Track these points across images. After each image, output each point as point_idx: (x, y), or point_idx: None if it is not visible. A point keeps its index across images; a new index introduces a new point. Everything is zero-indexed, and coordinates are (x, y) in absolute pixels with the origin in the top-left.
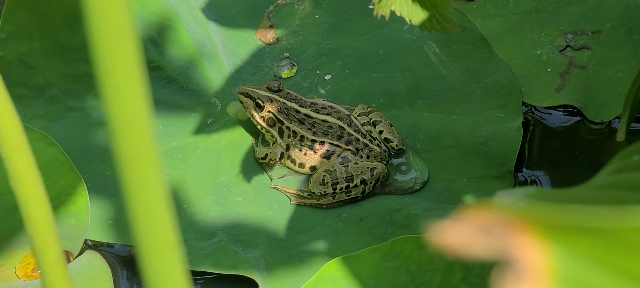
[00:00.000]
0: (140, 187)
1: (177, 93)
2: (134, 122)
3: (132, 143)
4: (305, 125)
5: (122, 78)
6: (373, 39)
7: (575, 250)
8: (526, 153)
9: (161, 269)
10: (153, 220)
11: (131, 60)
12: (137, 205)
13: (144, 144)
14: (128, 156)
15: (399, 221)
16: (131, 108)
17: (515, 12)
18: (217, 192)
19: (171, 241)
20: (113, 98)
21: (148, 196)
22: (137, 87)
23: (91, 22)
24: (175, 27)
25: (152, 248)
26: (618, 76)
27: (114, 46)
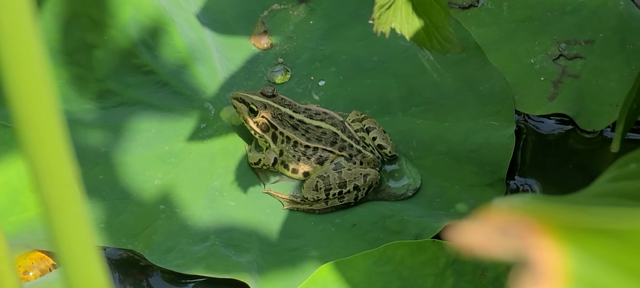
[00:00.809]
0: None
1: (170, 97)
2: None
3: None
4: (299, 130)
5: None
6: (367, 46)
7: (592, 252)
8: (518, 161)
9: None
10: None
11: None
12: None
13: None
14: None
15: (392, 227)
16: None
17: (510, 20)
18: (209, 196)
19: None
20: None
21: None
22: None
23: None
24: (169, 31)
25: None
26: (610, 86)
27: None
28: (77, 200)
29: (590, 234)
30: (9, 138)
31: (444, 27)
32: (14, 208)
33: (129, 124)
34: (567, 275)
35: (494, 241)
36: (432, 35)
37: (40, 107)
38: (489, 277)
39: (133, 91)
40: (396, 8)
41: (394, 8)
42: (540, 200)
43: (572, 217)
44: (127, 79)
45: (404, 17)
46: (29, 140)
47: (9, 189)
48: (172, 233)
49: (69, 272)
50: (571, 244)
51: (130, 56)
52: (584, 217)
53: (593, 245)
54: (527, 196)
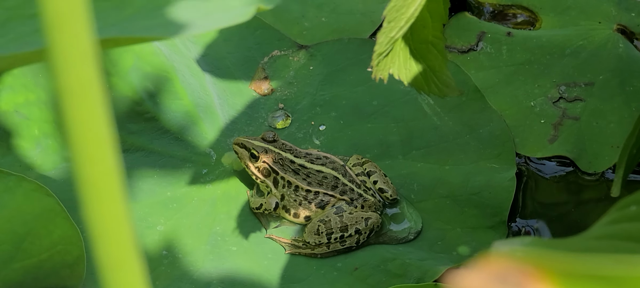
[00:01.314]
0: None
1: (172, 143)
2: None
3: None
4: (300, 175)
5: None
6: (367, 90)
7: None
8: (520, 203)
9: None
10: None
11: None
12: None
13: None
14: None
15: (393, 270)
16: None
17: (509, 63)
18: (212, 241)
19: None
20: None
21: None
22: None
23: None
24: (170, 78)
25: None
26: (611, 127)
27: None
28: (137, 262)
29: (589, 281)
30: (13, 185)
31: (442, 71)
32: (18, 255)
33: (131, 171)
34: None
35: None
36: (430, 80)
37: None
38: None
39: (135, 138)
40: (394, 54)
41: (392, 55)
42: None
43: (570, 263)
44: (130, 125)
45: (402, 63)
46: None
47: (12, 236)
48: (175, 279)
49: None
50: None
51: (132, 104)
52: (582, 263)
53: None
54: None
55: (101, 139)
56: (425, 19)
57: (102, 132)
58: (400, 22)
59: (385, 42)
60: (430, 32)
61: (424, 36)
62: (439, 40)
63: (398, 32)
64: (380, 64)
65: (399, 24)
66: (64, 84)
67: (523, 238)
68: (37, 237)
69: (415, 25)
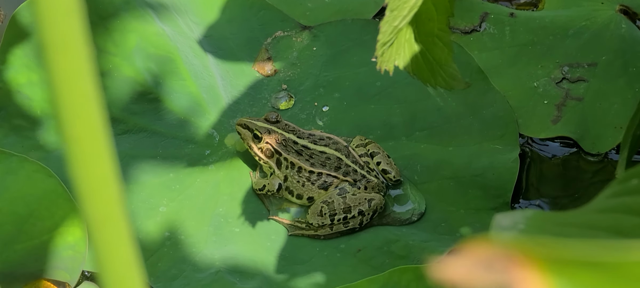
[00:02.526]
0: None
1: (174, 124)
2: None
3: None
4: (303, 156)
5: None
6: (370, 71)
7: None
8: (523, 184)
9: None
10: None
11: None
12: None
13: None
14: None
15: (397, 252)
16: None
17: (512, 44)
18: (214, 223)
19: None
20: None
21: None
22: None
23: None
24: (173, 59)
25: None
26: (614, 108)
27: (80, 115)
28: (122, 217)
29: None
30: (15, 166)
31: (448, 63)
32: (20, 237)
33: (134, 152)
34: None
35: (477, 275)
36: (437, 73)
37: (88, 126)
38: None
39: (138, 119)
40: (399, 45)
41: (396, 45)
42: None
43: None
44: (132, 106)
45: (407, 54)
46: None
47: (14, 217)
48: (178, 260)
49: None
50: (556, 277)
51: (135, 84)
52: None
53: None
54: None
55: (86, 92)
56: (430, 12)
57: (87, 86)
58: (403, 12)
59: (389, 32)
60: (435, 25)
61: (429, 29)
62: (444, 33)
63: (401, 21)
64: (385, 55)
65: (402, 13)
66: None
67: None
68: (39, 218)
69: (420, 17)
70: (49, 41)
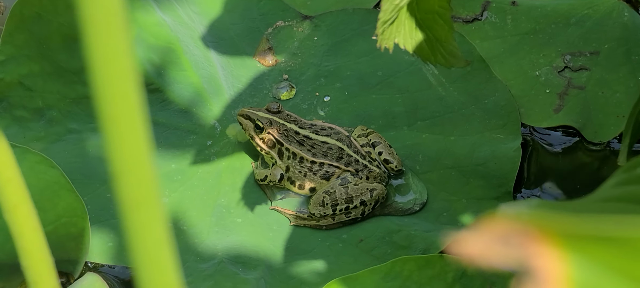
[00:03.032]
0: (143, 232)
1: (176, 115)
2: (137, 167)
3: (134, 188)
4: (305, 146)
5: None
6: (372, 61)
7: (594, 259)
8: (525, 173)
9: None
10: (156, 267)
11: (133, 105)
12: (140, 248)
13: (147, 188)
14: (131, 200)
15: (399, 242)
16: (133, 154)
17: (514, 33)
18: (217, 213)
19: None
20: (116, 145)
21: (151, 242)
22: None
23: (95, 73)
24: (174, 49)
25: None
26: (616, 97)
27: (117, 93)
28: (157, 201)
29: (592, 242)
30: (17, 157)
31: (448, 41)
32: None
33: None
34: (568, 283)
35: (494, 250)
36: (436, 50)
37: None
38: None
39: None
40: (399, 23)
41: (397, 23)
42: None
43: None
44: None
45: (407, 32)
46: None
47: None
48: (180, 251)
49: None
50: (572, 252)
51: None
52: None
53: (594, 252)
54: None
55: (125, 75)
56: None
57: (126, 68)
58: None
59: (390, 10)
60: (436, 2)
61: (430, 6)
62: (445, 10)
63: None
64: (385, 33)
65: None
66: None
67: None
68: (42, 210)
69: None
70: (91, 20)
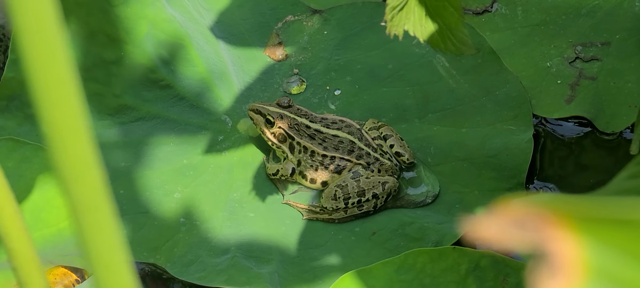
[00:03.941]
0: (95, 235)
1: (187, 111)
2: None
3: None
4: (316, 140)
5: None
6: (382, 54)
7: (609, 243)
8: (537, 165)
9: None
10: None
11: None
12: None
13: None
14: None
15: (412, 234)
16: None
17: (524, 24)
18: (229, 208)
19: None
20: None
21: (104, 244)
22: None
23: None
24: (184, 45)
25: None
26: (628, 87)
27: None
28: (105, 203)
29: (607, 225)
30: (30, 155)
31: (458, 29)
32: (37, 224)
33: (147, 139)
34: (584, 266)
35: (510, 234)
36: (446, 38)
37: (67, 110)
38: (511, 282)
39: (150, 106)
40: (409, 10)
41: (406, 10)
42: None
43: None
44: (145, 93)
45: (417, 20)
46: (57, 145)
47: (31, 205)
48: (193, 246)
49: (100, 278)
50: (588, 235)
51: (147, 71)
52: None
53: (610, 236)
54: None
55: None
56: None
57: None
58: None
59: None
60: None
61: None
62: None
63: None
64: (395, 19)
65: None
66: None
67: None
68: (55, 206)
69: None
70: (23, 26)
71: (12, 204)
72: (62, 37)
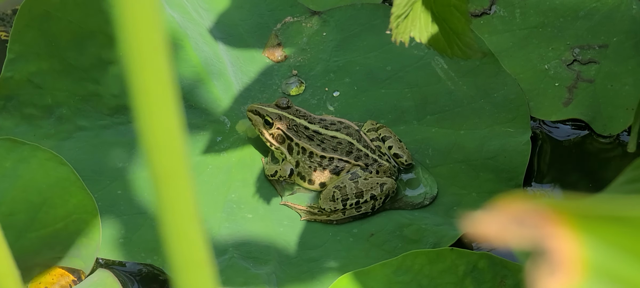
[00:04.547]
0: (173, 206)
1: (186, 111)
2: (168, 141)
3: (165, 161)
4: (315, 141)
5: (156, 99)
6: (381, 56)
7: (609, 240)
8: (535, 167)
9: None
10: (186, 239)
11: (165, 83)
12: (171, 225)
13: (178, 162)
14: (162, 175)
15: (409, 236)
16: (165, 127)
17: (522, 27)
18: (227, 209)
19: (203, 259)
20: (147, 118)
21: (181, 215)
22: (171, 107)
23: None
24: (183, 45)
25: (184, 266)
26: (625, 90)
27: (148, 67)
28: (187, 174)
29: (607, 222)
30: (27, 155)
31: (465, 33)
32: (33, 225)
33: None
34: (583, 263)
35: (510, 231)
36: (453, 42)
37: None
38: (508, 284)
39: None
40: (414, 17)
41: (412, 16)
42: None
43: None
44: None
45: (423, 26)
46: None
47: (28, 205)
48: None
49: (172, 242)
50: (587, 233)
51: None
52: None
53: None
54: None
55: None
56: None
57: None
58: None
59: (402, 4)
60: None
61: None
62: (462, 3)
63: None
64: (400, 27)
65: None
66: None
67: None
68: (52, 207)
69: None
70: (127, 19)
71: None
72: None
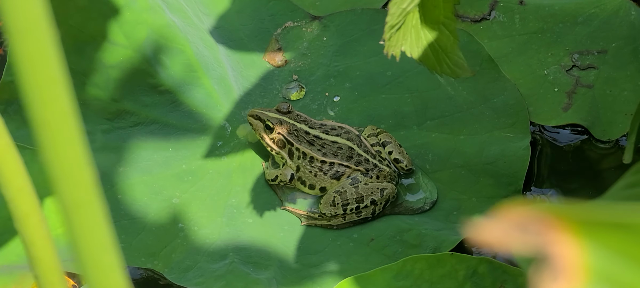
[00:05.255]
0: (85, 237)
1: (186, 116)
2: (74, 172)
3: (73, 193)
4: (315, 146)
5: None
6: (381, 61)
7: (611, 247)
8: (535, 172)
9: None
10: (101, 268)
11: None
12: (85, 256)
13: (86, 192)
14: (71, 206)
15: (410, 241)
16: (69, 159)
17: (522, 32)
18: (228, 214)
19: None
20: (50, 152)
21: (94, 246)
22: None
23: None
24: (184, 50)
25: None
26: (624, 95)
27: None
28: (96, 201)
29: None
30: (28, 159)
31: (453, 52)
32: None
33: (146, 144)
34: (586, 270)
35: (512, 237)
36: (442, 60)
37: (56, 107)
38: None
39: (149, 111)
40: (406, 30)
41: (403, 30)
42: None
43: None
44: (143, 98)
45: (413, 41)
46: (47, 141)
47: None
48: (191, 251)
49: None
50: (590, 239)
51: (146, 76)
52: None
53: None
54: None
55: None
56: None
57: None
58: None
59: (397, 14)
60: (441, 13)
61: (435, 16)
62: (450, 21)
63: (410, 4)
64: (392, 39)
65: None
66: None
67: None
68: (53, 212)
69: (426, 5)
70: (14, 26)
71: (37, 213)
72: (53, 37)
